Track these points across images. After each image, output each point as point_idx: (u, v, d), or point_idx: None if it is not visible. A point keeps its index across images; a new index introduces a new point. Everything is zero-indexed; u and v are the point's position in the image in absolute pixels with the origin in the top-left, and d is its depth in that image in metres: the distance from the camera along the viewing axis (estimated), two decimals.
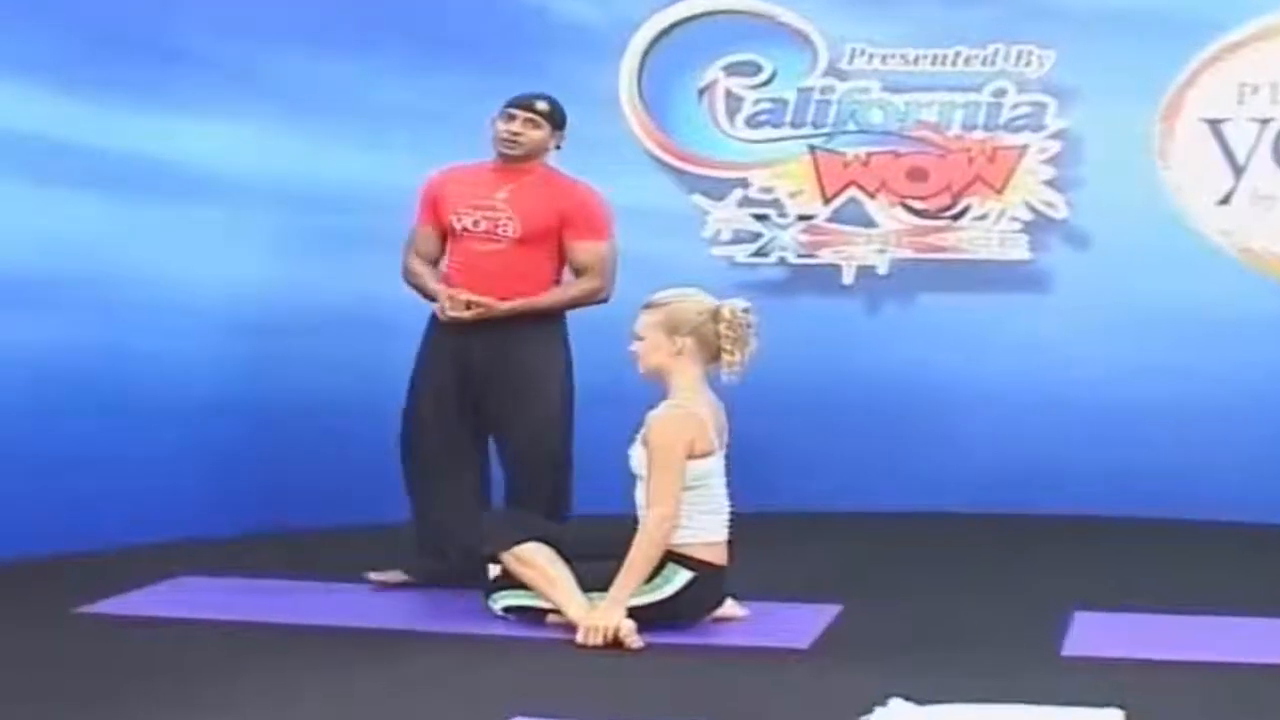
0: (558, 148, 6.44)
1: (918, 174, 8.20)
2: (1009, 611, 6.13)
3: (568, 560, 5.84)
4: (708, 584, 5.81)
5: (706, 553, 5.79)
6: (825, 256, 8.25)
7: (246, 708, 4.85)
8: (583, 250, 6.36)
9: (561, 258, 6.38)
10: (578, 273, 6.40)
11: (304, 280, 7.66)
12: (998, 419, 8.10)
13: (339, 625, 5.86)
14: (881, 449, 8.14)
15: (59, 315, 6.93)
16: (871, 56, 8.19)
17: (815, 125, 8.24)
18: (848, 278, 8.24)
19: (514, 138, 6.30)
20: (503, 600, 5.93)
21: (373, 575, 6.37)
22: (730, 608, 6.01)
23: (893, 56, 8.19)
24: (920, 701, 4.76)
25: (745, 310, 5.85)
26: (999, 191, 8.16)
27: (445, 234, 6.39)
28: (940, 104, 8.19)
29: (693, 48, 8.20)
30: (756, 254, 8.25)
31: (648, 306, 5.88)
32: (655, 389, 5.89)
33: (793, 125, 8.24)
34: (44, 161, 6.93)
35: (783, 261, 8.26)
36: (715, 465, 5.82)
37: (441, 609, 6.12)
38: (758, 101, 8.23)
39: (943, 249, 8.21)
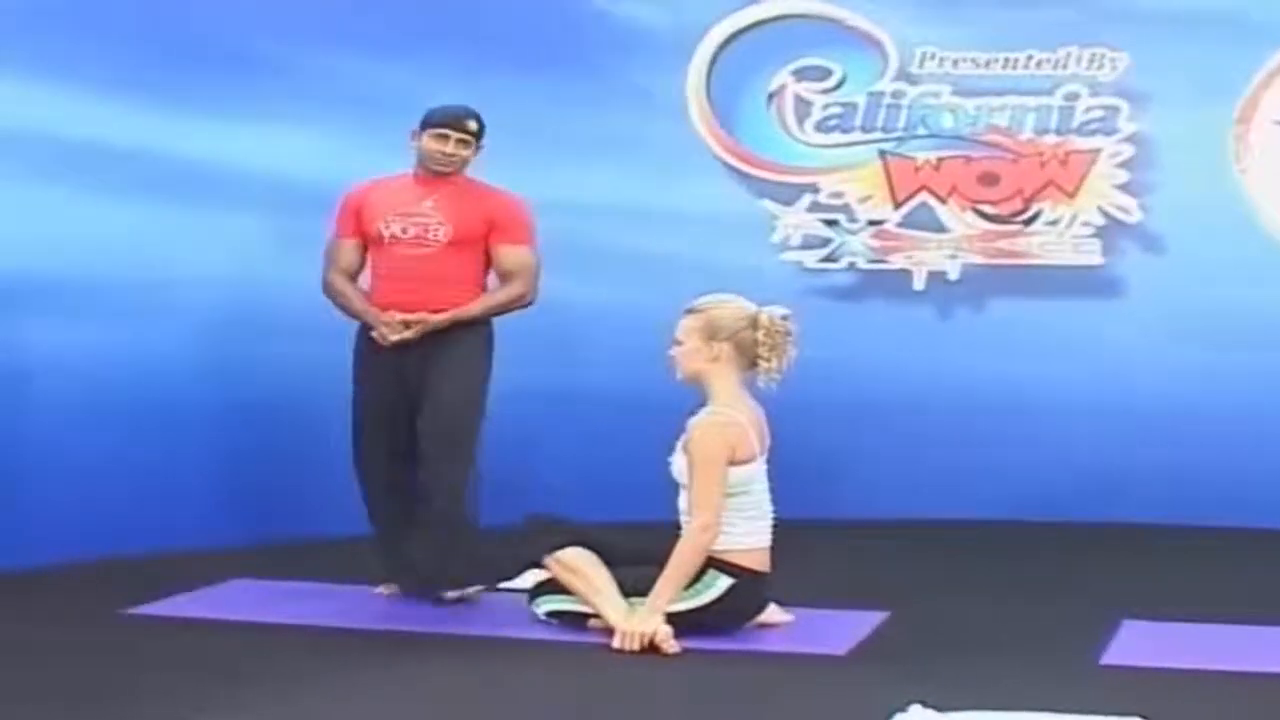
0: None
1: (989, 178, 8.14)
2: (1057, 619, 6.06)
3: (610, 565, 5.84)
4: (748, 590, 5.79)
5: (747, 559, 5.77)
6: (896, 262, 8.21)
7: (266, 707, 4.90)
8: (508, 255, 6.35)
9: (487, 263, 6.36)
10: (503, 277, 6.37)
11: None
12: (1069, 425, 8.02)
13: (378, 629, 5.93)
14: (951, 455, 8.07)
15: (116, 320, 7.03)
16: (942, 60, 8.14)
17: (885, 130, 8.19)
18: (918, 283, 8.18)
19: (448, 159, 6.28)
20: (546, 605, 5.95)
21: (380, 589, 6.44)
22: (774, 613, 5.99)
23: (964, 60, 8.14)
24: (942, 708, 4.72)
25: (784, 318, 5.82)
26: (1071, 196, 8.09)
27: (367, 246, 6.33)
28: (1012, 108, 8.13)
29: (761, 52, 8.18)
30: (826, 259, 8.23)
31: (688, 311, 5.87)
32: (694, 395, 5.87)
33: (863, 130, 8.20)
34: (100, 168, 7.05)
35: (853, 267, 8.23)
36: (757, 471, 5.79)
37: (483, 613, 6.15)
38: (827, 106, 8.20)
39: (1014, 254, 8.14)
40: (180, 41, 7.33)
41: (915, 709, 4.75)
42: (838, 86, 8.20)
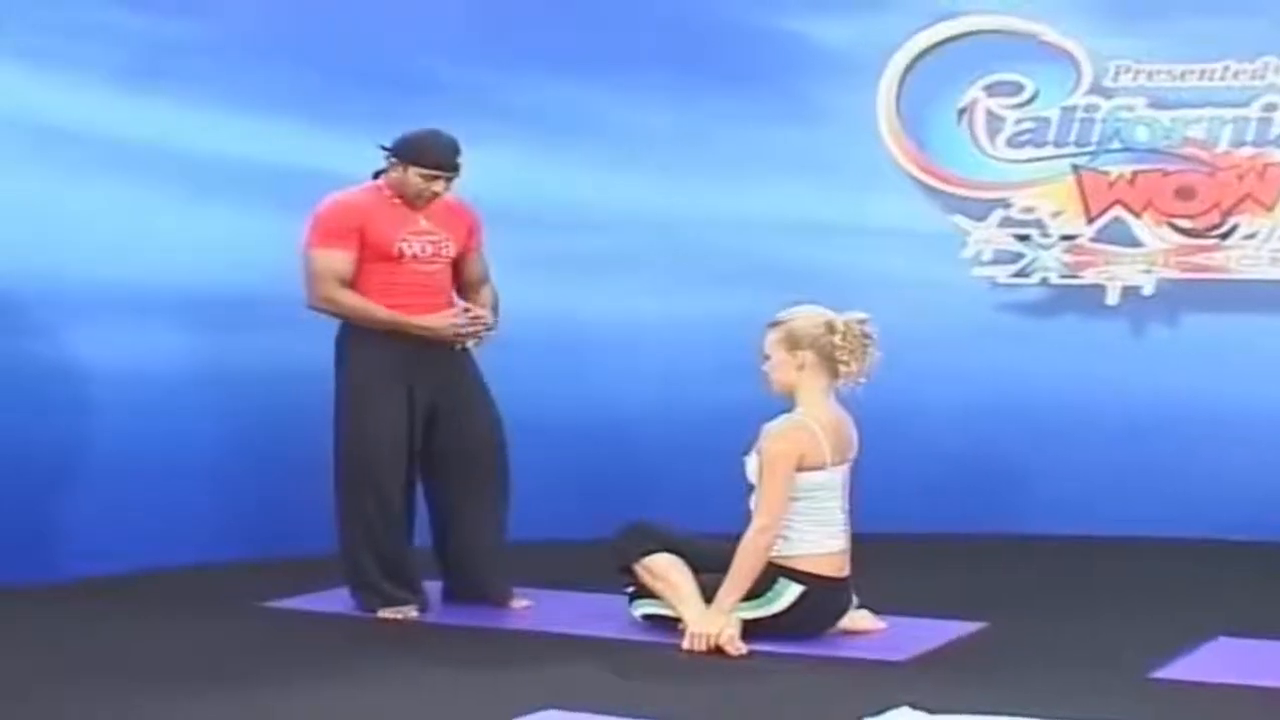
0: None
1: (1185, 192, 8.02)
2: (1148, 635, 5.97)
3: (698, 572, 5.99)
4: (821, 596, 5.88)
5: (816, 565, 5.86)
6: (1089, 277, 8.13)
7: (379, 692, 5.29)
8: (480, 261, 6.55)
9: None
10: (476, 283, 6.52)
11: (557, 301, 7.95)
12: (1265, 441, 7.83)
13: (483, 626, 6.24)
14: (1142, 472, 7.96)
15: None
16: (1137, 73, 8.05)
17: (1079, 144, 8.13)
18: (1112, 298, 8.09)
19: (436, 196, 6.34)
20: (641, 608, 6.13)
21: (384, 613, 6.35)
22: (864, 620, 6.06)
23: (1159, 72, 8.03)
24: (934, 710, 4.76)
25: (861, 322, 5.89)
26: (1269, 209, 7.92)
27: (363, 261, 6.30)
28: (1208, 120, 7.98)
29: (952, 68, 8.18)
30: (1018, 274, 8.19)
31: (771, 325, 5.98)
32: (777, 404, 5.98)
33: (1055, 144, 8.15)
34: (291, 191, 7.35)
35: (1045, 282, 8.18)
36: (827, 479, 5.87)
37: (586, 613, 6.33)
38: (1019, 121, 8.16)
39: (1211, 268, 7.99)
40: (359, 67, 7.68)
41: (904, 710, 4.81)
42: (1030, 101, 8.16)
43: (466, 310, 6.40)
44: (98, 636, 6.07)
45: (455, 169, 6.34)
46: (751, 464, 5.91)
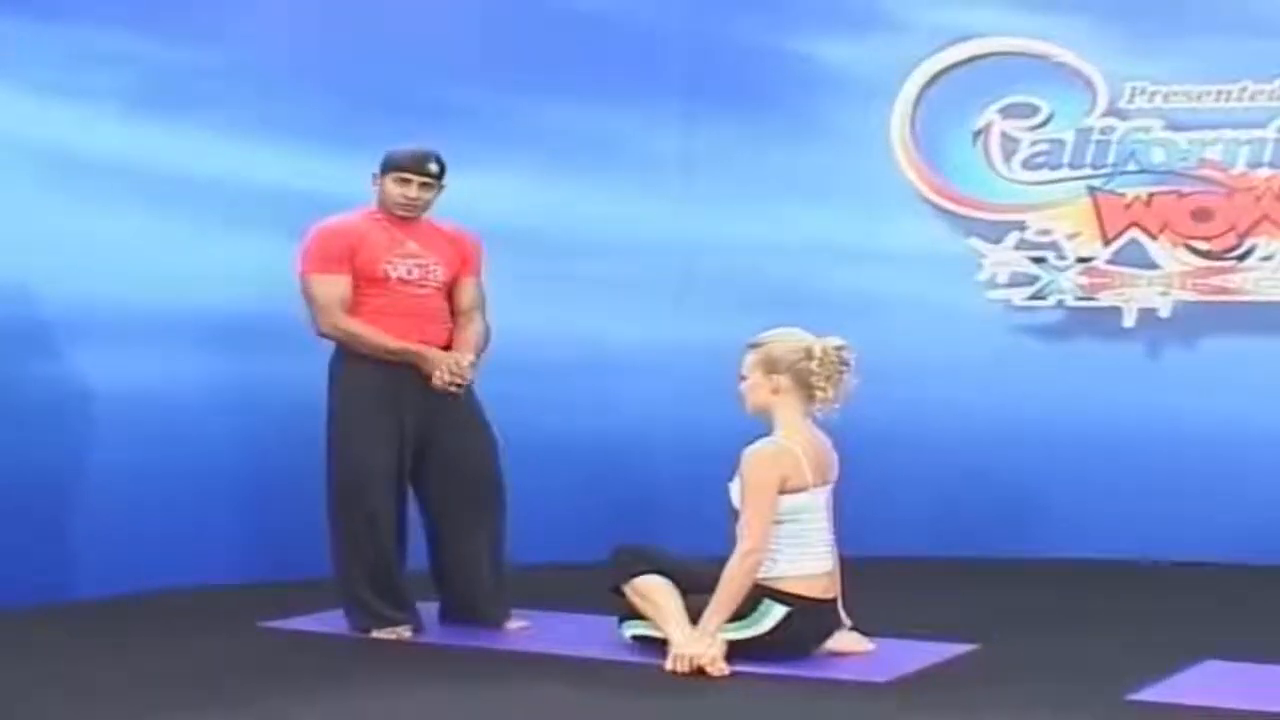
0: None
1: (1202, 214, 7.98)
2: (1134, 657, 5.93)
3: (687, 594, 5.99)
4: (806, 618, 5.87)
5: (801, 586, 5.85)
6: (1105, 299, 8.09)
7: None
8: (473, 288, 6.51)
9: None
10: (467, 310, 6.48)
11: (570, 325, 8.01)
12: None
13: (473, 646, 6.25)
14: (1160, 495, 7.90)
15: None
16: (1153, 95, 8.02)
17: (1094, 166, 8.09)
18: (1129, 320, 8.05)
19: (412, 202, 6.37)
20: (631, 629, 6.13)
21: (377, 633, 6.38)
22: (853, 642, 6.06)
23: (1175, 94, 8.00)
24: None
25: (839, 348, 5.88)
26: None
27: (353, 284, 6.33)
28: (1225, 141, 7.94)
29: (967, 90, 8.16)
30: (1034, 297, 8.15)
31: (750, 346, 5.99)
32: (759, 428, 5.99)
33: (1071, 166, 8.11)
34: (311, 217, 7.36)
35: (1061, 304, 8.14)
36: (810, 500, 5.86)
37: (573, 635, 6.36)
38: (1035, 143, 8.14)
39: (1227, 291, 7.94)
40: (379, 94, 7.70)
41: None
42: (1045, 123, 8.13)
43: (459, 366, 6.35)
44: (97, 656, 6.13)
45: (426, 173, 6.37)
46: (735, 489, 5.91)
